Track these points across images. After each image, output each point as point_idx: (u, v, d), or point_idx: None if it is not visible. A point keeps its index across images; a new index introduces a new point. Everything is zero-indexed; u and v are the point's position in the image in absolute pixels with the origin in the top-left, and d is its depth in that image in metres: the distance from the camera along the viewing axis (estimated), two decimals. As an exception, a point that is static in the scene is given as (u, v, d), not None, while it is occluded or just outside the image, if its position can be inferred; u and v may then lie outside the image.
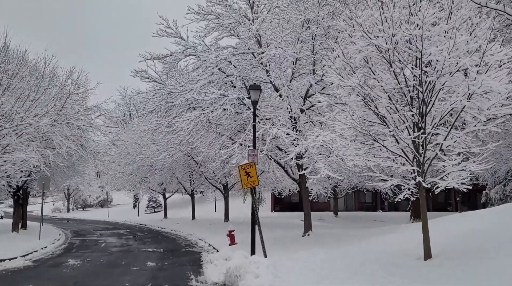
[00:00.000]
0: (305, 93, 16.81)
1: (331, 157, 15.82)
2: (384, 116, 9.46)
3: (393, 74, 9.30)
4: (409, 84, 9.11)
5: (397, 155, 9.57)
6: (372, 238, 15.10)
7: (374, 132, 9.86)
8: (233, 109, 15.13)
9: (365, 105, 9.49)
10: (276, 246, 15.39)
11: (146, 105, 17.06)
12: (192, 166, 32.58)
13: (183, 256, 16.71)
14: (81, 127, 25.71)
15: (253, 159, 11.90)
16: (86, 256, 17.10)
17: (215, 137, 17.27)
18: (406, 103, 9.38)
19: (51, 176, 29.99)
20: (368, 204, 47.87)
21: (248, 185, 11.59)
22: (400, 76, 9.23)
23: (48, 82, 21.83)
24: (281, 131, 14.28)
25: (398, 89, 9.42)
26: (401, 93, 9.38)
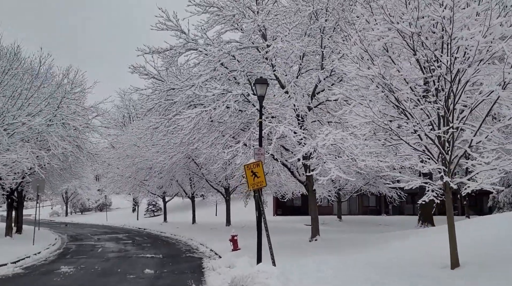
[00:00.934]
0: (313, 90, 15.90)
1: (341, 157, 14.90)
2: (405, 110, 8.53)
3: (417, 63, 8.38)
4: (435, 74, 8.18)
5: (420, 152, 8.62)
6: (384, 244, 14.14)
7: (394, 128, 8.92)
8: (237, 106, 14.20)
9: (385, 98, 8.55)
10: (283, 252, 14.41)
11: (145, 102, 16.11)
12: (193, 168, 31.62)
13: (184, 263, 15.75)
14: (77, 128, 24.79)
15: (259, 158, 10.96)
16: (80, 262, 16.13)
17: (217, 136, 16.34)
18: (431, 95, 8.45)
19: (47, 179, 29.09)
20: (372, 208, 46.89)
21: (255, 186, 10.65)
22: (425, 64, 8.31)
23: (42, 80, 20.86)
24: (288, 129, 13.35)
25: (423, 79, 8.50)
26: (426, 84, 8.46)
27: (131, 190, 42.79)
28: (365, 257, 11.76)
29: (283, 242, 17.26)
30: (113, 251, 20.56)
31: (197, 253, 19.02)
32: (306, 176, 16.83)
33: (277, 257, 12.71)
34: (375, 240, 15.72)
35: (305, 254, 13.39)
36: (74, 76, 25.81)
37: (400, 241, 14.09)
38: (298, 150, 14.34)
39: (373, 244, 14.44)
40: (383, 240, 15.09)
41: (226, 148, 16.45)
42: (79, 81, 26.41)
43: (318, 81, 15.15)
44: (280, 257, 13.16)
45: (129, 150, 35.68)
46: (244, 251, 16.86)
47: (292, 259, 12.07)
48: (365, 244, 14.78)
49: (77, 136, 24.89)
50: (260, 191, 11.09)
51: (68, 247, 23.13)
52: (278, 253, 13.60)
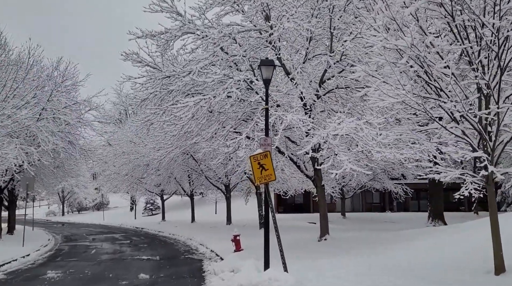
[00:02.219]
0: (321, 77, 14.59)
1: (350, 150, 13.62)
2: (440, 88, 7.25)
3: (451, 33, 7.09)
4: (475, 45, 6.89)
5: (460, 138, 7.33)
6: (403, 243, 12.89)
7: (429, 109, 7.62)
8: (239, 93, 12.89)
9: (416, 74, 7.26)
10: (291, 253, 13.10)
11: (138, 92, 14.79)
12: (191, 164, 30.30)
13: (182, 265, 14.49)
14: (69, 123, 23.47)
15: (266, 149, 9.68)
16: (70, 266, 14.85)
17: (217, 128, 15.03)
18: (471, 70, 7.16)
19: (39, 177, 27.78)
20: (376, 205, 45.61)
21: (262, 180, 9.36)
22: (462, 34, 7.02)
23: (27, 69, 19.50)
24: (297, 118, 12.05)
25: (460, 53, 7.22)
26: (465, 56, 7.16)
27: (128, 188, 41.51)
28: (386, 259, 10.52)
29: (290, 242, 15.94)
30: (107, 252, 19.29)
31: (196, 254, 17.76)
32: (314, 170, 15.56)
33: (286, 259, 11.45)
34: (392, 238, 14.46)
35: (317, 256, 12.12)
36: (65, 68, 24.55)
37: (420, 240, 12.84)
38: (306, 141, 13.08)
39: (390, 243, 13.19)
40: (402, 239, 13.85)
41: (227, 140, 15.16)
42: (70, 73, 25.13)
43: (328, 66, 13.85)
44: (289, 260, 11.90)
45: (125, 146, 34.37)
46: (248, 252, 15.59)
47: (304, 263, 10.80)
48: (381, 243, 13.53)
49: (69, 131, 23.59)
50: (267, 186, 9.78)
51: (61, 248, 21.84)
52: (286, 255, 12.32)
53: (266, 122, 10.54)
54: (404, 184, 36.87)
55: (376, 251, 12.25)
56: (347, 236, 16.62)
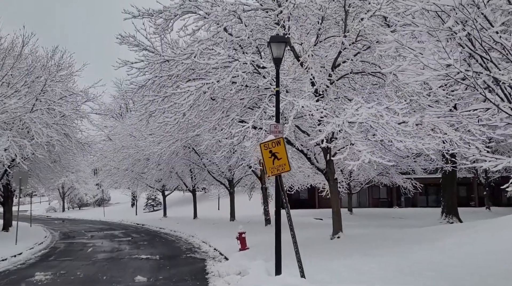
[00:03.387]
0: (334, 60, 13.36)
1: (371, 138, 12.43)
2: (490, 60, 6.03)
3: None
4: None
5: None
6: (425, 242, 11.69)
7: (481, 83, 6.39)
8: (246, 76, 11.66)
9: (463, 43, 6.03)
10: (304, 253, 11.90)
11: (135, 77, 13.58)
12: (193, 158, 29.14)
13: (184, 266, 13.35)
14: (65, 115, 22.32)
15: (277, 136, 8.49)
16: (62, 266, 13.73)
17: (221, 117, 13.83)
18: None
19: (33, 172, 26.67)
20: (383, 200, 44.42)
21: (275, 171, 8.17)
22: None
23: (17, 57, 18.32)
24: (310, 103, 10.85)
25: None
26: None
27: (128, 184, 40.45)
28: (411, 261, 9.34)
29: (299, 240, 14.74)
30: (104, 250, 18.18)
31: (199, 253, 16.64)
32: (326, 162, 14.37)
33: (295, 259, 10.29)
34: (411, 237, 13.28)
35: (332, 256, 10.94)
36: (60, 57, 23.36)
37: (442, 239, 11.65)
38: (319, 130, 11.87)
39: (410, 243, 12.00)
40: (422, 237, 12.66)
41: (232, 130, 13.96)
42: (66, 63, 23.97)
43: (343, 48, 12.62)
44: (303, 261, 10.76)
45: (125, 140, 33.22)
46: (254, 251, 14.47)
47: (319, 265, 9.62)
48: (400, 243, 12.35)
49: (65, 123, 22.44)
50: (280, 178, 8.59)
51: (56, 246, 20.76)
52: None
53: (277, 107, 9.35)
54: (413, 178, 35.64)
55: (397, 251, 11.07)
56: (361, 234, 15.45)
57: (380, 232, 15.86)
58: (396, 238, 13.34)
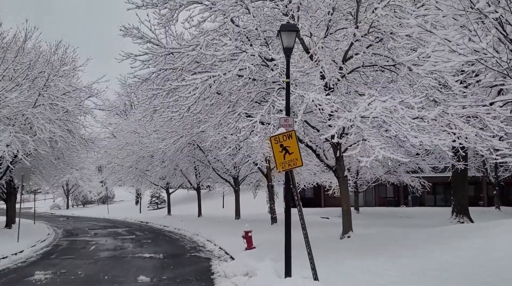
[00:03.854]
0: (345, 53, 12.85)
1: (383, 134, 11.93)
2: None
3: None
4: None
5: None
6: (440, 243, 11.17)
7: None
8: (254, 68, 11.16)
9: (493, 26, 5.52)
10: (313, 252, 11.49)
11: (139, 71, 13.13)
12: (198, 155, 28.70)
13: (188, 265, 12.90)
14: (68, 110, 21.93)
15: (288, 130, 8.00)
16: (64, 265, 13.33)
17: (227, 112, 13.35)
18: None
19: (37, 168, 26.34)
20: (389, 199, 43.81)
21: (286, 167, 7.69)
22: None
23: (18, 51, 17.93)
24: (320, 97, 10.35)
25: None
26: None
27: (132, 181, 40.11)
28: (429, 263, 8.84)
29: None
30: (107, 249, 17.79)
31: (204, 252, 16.21)
32: (336, 159, 13.87)
33: (308, 261, 9.83)
34: (424, 237, 12.77)
35: (343, 257, 10.45)
36: (63, 51, 22.98)
37: (458, 240, 11.13)
38: (330, 125, 11.39)
39: (425, 243, 11.50)
40: (436, 238, 12.14)
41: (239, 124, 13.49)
42: (70, 58, 23.59)
43: (354, 40, 12.09)
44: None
45: (129, 137, 32.84)
46: (261, 251, 14.02)
47: (333, 266, 9.14)
48: (414, 243, 11.85)
49: (68, 119, 22.05)
50: (291, 173, 8.11)
51: (59, 244, 20.40)
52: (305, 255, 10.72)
53: (287, 99, 8.86)
54: (421, 177, 35.02)
55: (413, 252, 10.55)
56: (371, 233, 14.94)
57: (391, 231, 15.35)
58: (410, 238, 12.84)
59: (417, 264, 8.72)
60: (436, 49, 5.94)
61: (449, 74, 12.67)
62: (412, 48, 12.29)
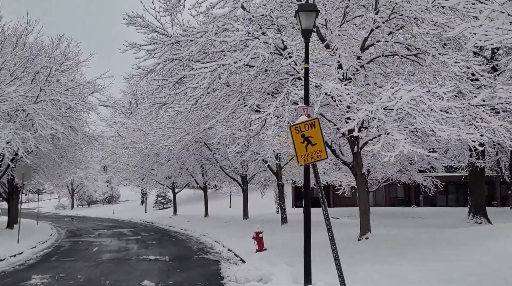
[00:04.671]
0: (364, 40, 11.95)
1: (406, 127, 11.05)
2: None
3: None
4: None
5: None
6: (470, 245, 10.27)
7: None
8: (267, 55, 10.30)
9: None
10: (329, 255, 10.62)
11: (143, 61, 12.31)
12: (205, 153, 27.87)
13: (196, 269, 12.07)
14: (71, 106, 21.21)
15: (310, 118, 7.14)
16: (64, 268, 12.55)
17: (237, 105, 12.50)
18: None
19: (39, 167, 25.66)
20: (400, 199, 42.80)
21: (308, 160, 6.82)
22: None
23: (16, 41, 17.20)
24: (340, 86, 9.49)
25: None
26: None
27: (138, 181, 39.41)
28: (464, 265, 7.94)
29: (322, 241, 13.43)
30: (111, 250, 17.02)
31: (212, 254, 15.38)
32: (353, 155, 12.99)
33: (324, 262, 9.00)
34: (449, 238, 11.86)
35: (367, 260, 9.57)
36: (66, 45, 22.29)
37: (493, 240, 10.22)
38: (348, 117, 10.51)
39: (453, 245, 10.60)
40: (463, 239, 11.24)
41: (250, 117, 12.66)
42: (73, 53, 22.89)
43: (375, 26, 11.20)
44: (331, 266, 9.41)
45: (134, 135, 32.09)
46: (273, 253, 13.18)
47: (355, 271, 8.26)
48: (439, 244, 10.96)
49: (70, 116, 21.32)
50: (315, 167, 7.22)
51: (61, 245, 19.66)
52: (324, 258, 9.88)
53: (306, 87, 8.01)
54: (434, 176, 33.99)
55: (441, 254, 9.66)
56: (390, 234, 14.04)
57: (412, 232, 14.44)
58: (432, 240, 11.93)
59: (447, 268, 7.84)
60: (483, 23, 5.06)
61: (476, 63, 11.81)
62: (438, 35, 11.42)
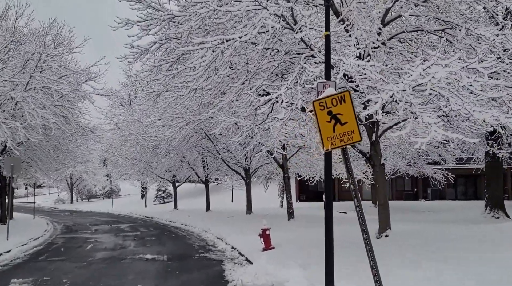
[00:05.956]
0: (386, 12, 10.62)
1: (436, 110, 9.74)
2: None
3: None
4: None
5: None
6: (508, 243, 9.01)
7: None
8: (278, 26, 8.97)
9: None
10: (344, 255, 9.38)
11: (137, 40, 11.00)
12: (206, 145, 26.56)
13: (197, 270, 10.83)
14: (63, 95, 19.93)
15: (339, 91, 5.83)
16: (50, 269, 11.31)
17: (241, 88, 11.19)
18: None
19: (32, 159, 24.41)
20: (408, 192, 41.47)
21: (337, 143, 5.45)
22: None
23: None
24: (364, 62, 8.18)
25: None
26: None
27: (138, 174, 38.19)
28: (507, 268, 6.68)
29: (338, 239, 12.22)
30: (105, 248, 15.81)
31: (214, 252, 14.14)
32: (371, 144, 11.69)
33: (344, 265, 7.74)
34: (479, 234, 10.59)
35: (393, 263, 8.30)
36: (58, 31, 20.94)
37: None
38: (368, 100, 9.23)
39: (486, 242, 9.33)
40: (494, 235, 9.97)
41: (252, 108, 11.37)
42: (65, 38, 21.54)
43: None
44: (349, 268, 8.18)
45: (132, 126, 30.77)
46: (281, 252, 11.95)
47: (384, 276, 6.98)
48: (471, 242, 9.68)
49: (63, 105, 20.03)
50: (345, 150, 5.86)
51: (53, 242, 18.47)
52: (344, 261, 8.64)
53: (326, 58, 6.70)
54: (444, 169, 32.70)
55: (476, 255, 8.40)
56: (411, 231, 12.79)
57: (432, 228, 13.18)
58: (460, 237, 10.67)
59: (492, 271, 6.57)
60: None
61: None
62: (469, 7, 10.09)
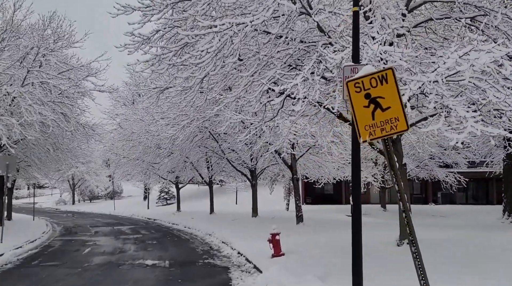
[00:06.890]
0: (407, 1, 9.68)
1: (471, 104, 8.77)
2: None
3: None
4: None
5: None
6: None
7: None
8: (295, 7, 8.05)
9: None
10: (371, 268, 8.37)
11: (137, 28, 10.11)
12: (211, 145, 25.61)
13: (201, 278, 9.89)
14: (62, 91, 19.06)
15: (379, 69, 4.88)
16: (41, 277, 10.41)
17: (251, 81, 10.25)
18: None
19: (30, 158, 23.55)
20: (417, 196, 40.36)
21: (377, 133, 4.33)
22: None
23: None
24: (393, 49, 7.23)
25: None
26: None
27: (140, 175, 37.33)
28: None
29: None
30: (104, 252, 14.89)
31: (219, 258, 13.20)
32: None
33: (375, 280, 6.77)
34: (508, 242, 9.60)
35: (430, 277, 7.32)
36: (58, 25, 20.09)
37: None
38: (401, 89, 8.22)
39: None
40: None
41: (261, 105, 10.44)
42: (65, 32, 20.68)
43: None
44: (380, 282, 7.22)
45: (135, 125, 29.89)
46: (293, 259, 11.01)
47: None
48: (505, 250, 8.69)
49: (62, 101, 19.16)
50: (388, 142, 4.78)
51: (50, 245, 17.58)
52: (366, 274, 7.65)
53: (355, 38, 5.77)
54: (456, 172, 31.61)
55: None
56: (432, 238, 11.80)
57: (455, 235, 12.18)
58: (491, 245, 9.67)
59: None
60: None
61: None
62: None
